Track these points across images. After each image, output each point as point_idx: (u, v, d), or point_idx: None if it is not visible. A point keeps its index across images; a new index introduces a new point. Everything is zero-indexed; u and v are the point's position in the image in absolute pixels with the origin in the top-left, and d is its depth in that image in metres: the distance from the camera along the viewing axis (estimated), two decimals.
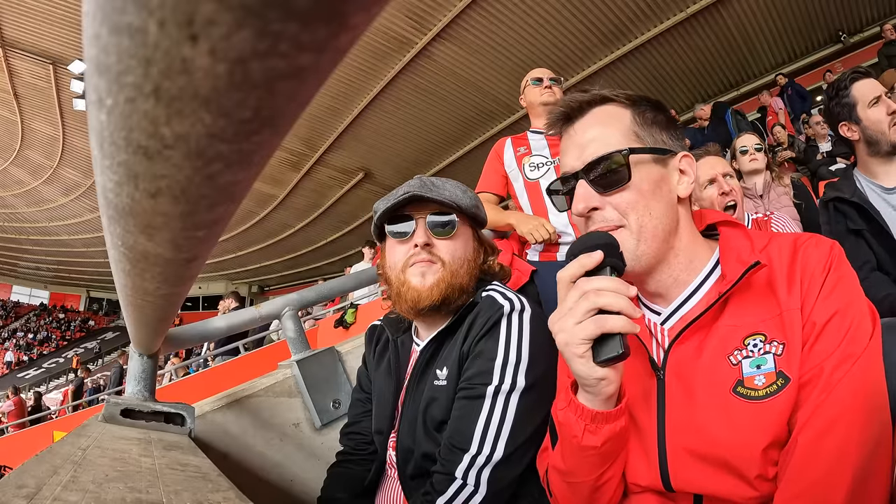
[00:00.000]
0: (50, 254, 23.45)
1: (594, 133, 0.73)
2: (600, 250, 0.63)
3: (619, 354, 0.59)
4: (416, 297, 0.94)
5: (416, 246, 0.96)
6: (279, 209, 14.72)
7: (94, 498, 0.45)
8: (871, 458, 0.56)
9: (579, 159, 0.73)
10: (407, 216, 0.98)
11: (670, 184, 0.73)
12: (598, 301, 0.59)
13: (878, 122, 1.51)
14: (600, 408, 0.64)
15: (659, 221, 0.70)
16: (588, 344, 0.60)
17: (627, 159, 0.70)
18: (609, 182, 0.70)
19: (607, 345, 0.60)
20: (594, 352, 0.60)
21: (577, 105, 0.76)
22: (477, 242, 1.04)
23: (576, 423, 0.66)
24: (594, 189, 0.71)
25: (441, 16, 7.45)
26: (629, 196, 0.70)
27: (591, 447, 0.66)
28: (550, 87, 1.93)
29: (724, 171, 1.82)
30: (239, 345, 5.93)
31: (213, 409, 1.19)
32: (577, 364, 0.61)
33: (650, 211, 0.70)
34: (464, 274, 0.97)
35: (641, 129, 0.73)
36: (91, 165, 0.27)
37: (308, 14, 0.14)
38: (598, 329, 0.59)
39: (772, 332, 0.63)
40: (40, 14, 8.25)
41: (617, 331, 0.59)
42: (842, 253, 0.66)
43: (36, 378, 21.16)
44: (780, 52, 9.32)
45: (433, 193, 0.96)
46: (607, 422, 0.65)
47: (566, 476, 0.71)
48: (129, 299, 0.55)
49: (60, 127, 12.02)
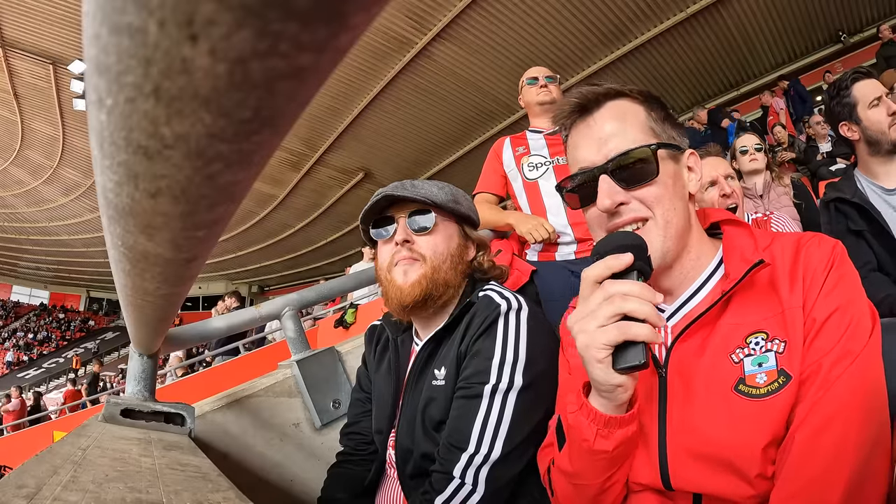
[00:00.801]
0: (50, 254, 23.45)
1: (613, 127, 0.71)
2: (630, 253, 0.61)
3: (641, 364, 0.57)
4: (399, 295, 0.96)
5: (397, 244, 0.98)
6: (279, 209, 14.72)
7: (94, 498, 0.45)
8: (869, 457, 0.56)
9: (599, 153, 0.71)
10: (389, 218, 1.01)
11: (684, 180, 0.74)
12: (623, 306, 0.58)
13: (878, 122, 1.52)
14: (613, 413, 0.63)
15: (681, 217, 0.70)
16: (609, 350, 0.58)
17: (656, 154, 0.69)
18: (636, 176, 0.69)
19: (629, 352, 0.58)
20: (614, 358, 0.58)
21: (594, 97, 0.74)
22: (462, 238, 1.04)
23: (588, 427, 0.64)
24: (618, 184, 0.69)
25: (441, 16, 7.45)
26: (656, 190, 0.69)
27: (602, 451, 0.65)
28: (546, 85, 1.91)
29: (726, 173, 1.81)
30: (239, 345, 5.93)
31: (213, 409, 1.19)
32: (595, 369, 0.60)
33: (674, 206, 0.69)
34: (447, 269, 0.98)
35: (657, 125, 0.73)
36: (91, 165, 0.27)
37: (308, 14, 0.14)
38: (621, 336, 0.57)
39: (774, 330, 0.63)
40: (40, 14, 8.25)
41: (640, 339, 0.57)
42: (844, 252, 0.66)
43: (36, 378, 21.16)
44: (780, 52, 9.32)
45: (406, 192, 0.98)
46: (620, 426, 0.64)
47: (573, 478, 0.70)
48: (129, 299, 0.55)
49: (60, 127, 12.02)
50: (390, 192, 0.98)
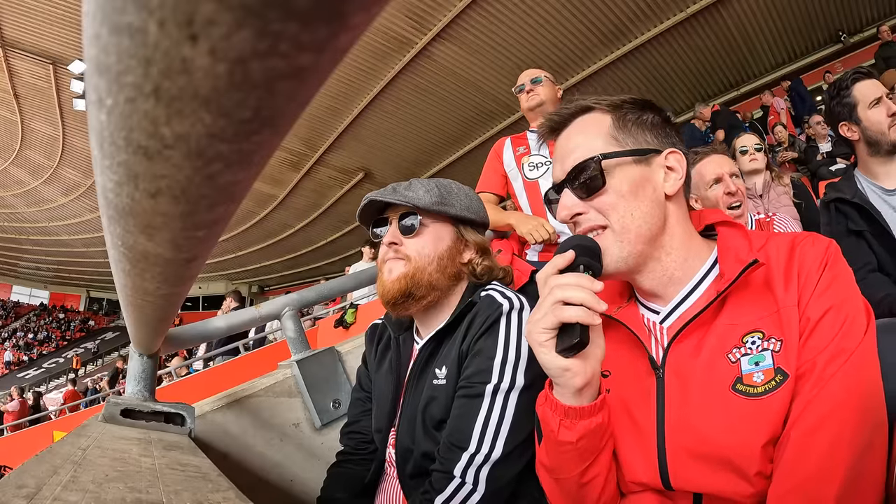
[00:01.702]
0: (50, 254, 23.45)
1: (575, 142, 0.76)
2: (572, 250, 0.67)
3: (577, 343, 0.61)
4: (382, 291, 1.00)
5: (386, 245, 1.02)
6: (279, 209, 14.71)
7: (94, 498, 0.45)
8: (865, 454, 0.56)
9: (562, 169, 0.76)
10: (385, 219, 1.05)
11: (654, 182, 0.73)
12: (560, 294, 0.63)
13: (878, 122, 1.51)
14: (573, 402, 0.67)
15: (643, 221, 0.71)
16: (550, 334, 0.64)
17: (600, 164, 0.72)
18: (588, 188, 0.73)
19: (567, 335, 0.63)
20: (557, 342, 0.64)
21: (560, 119, 0.80)
22: (455, 240, 1.04)
23: (552, 417, 0.68)
24: (577, 196, 0.74)
25: (441, 16, 7.44)
26: (608, 199, 0.72)
27: (567, 442, 0.68)
28: (532, 89, 1.92)
29: (731, 171, 1.80)
30: (239, 345, 5.93)
31: (213, 409, 1.19)
32: (540, 354, 0.65)
33: (632, 212, 0.71)
34: (432, 271, 0.99)
35: (620, 133, 0.74)
36: (91, 165, 0.27)
37: (308, 14, 0.14)
38: (556, 318, 0.62)
39: (770, 329, 0.64)
40: (40, 14, 8.25)
41: (574, 320, 0.61)
42: (838, 251, 0.66)
43: (36, 378, 21.17)
44: (780, 52, 9.32)
45: (387, 197, 1.00)
46: (581, 417, 0.67)
47: (552, 472, 0.73)
48: (129, 299, 0.55)
49: (60, 127, 12.02)
50: (374, 197, 1.01)
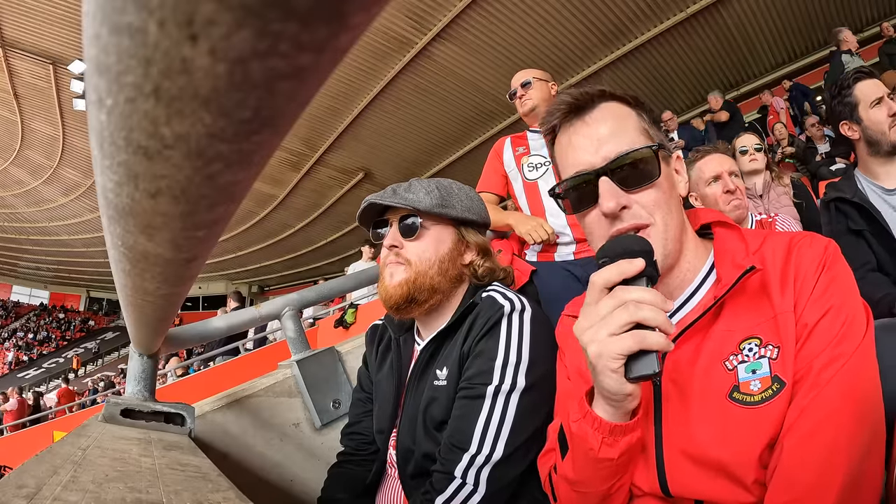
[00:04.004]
0: (50, 254, 23.44)
1: (609, 128, 0.69)
2: (641, 258, 0.58)
3: (656, 373, 0.55)
4: (385, 296, 1.00)
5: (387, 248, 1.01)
6: (279, 209, 14.71)
7: (94, 498, 0.45)
8: (862, 462, 0.54)
9: (597, 155, 0.69)
10: (386, 221, 1.04)
11: (675, 183, 0.73)
12: (637, 314, 0.55)
13: (879, 122, 1.51)
14: (619, 420, 0.61)
15: (677, 220, 0.69)
16: (623, 359, 0.56)
17: (657, 154, 0.67)
18: (637, 179, 0.67)
19: (641, 361, 0.56)
20: (626, 367, 0.57)
21: (588, 97, 0.72)
22: (457, 241, 1.03)
23: (593, 435, 0.62)
24: (619, 186, 0.67)
25: (441, 16, 7.44)
26: (655, 194, 0.67)
27: (607, 459, 0.63)
28: (524, 94, 1.92)
29: (731, 170, 1.80)
30: (238, 345, 5.94)
31: (213, 409, 1.18)
32: (608, 378, 0.57)
33: (671, 209, 0.68)
34: (434, 274, 0.98)
35: (650, 128, 0.72)
36: (91, 165, 0.27)
37: (308, 14, 0.14)
38: (636, 346, 0.55)
39: (767, 335, 0.62)
40: (40, 14, 8.24)
41: (655, 348, 0.55)
42: (837, 251, 0.65)
43: (36, 378, 21.17)
44: (780, 52, 9.31)
45: (388, 199, 0.99)
46: (625, 434, 0.62)
47: (577, 486, 0.68)
48: (129, 299, 0.55)
49: (60, 127, 12.01)
50: (374, 200, 1.00)
